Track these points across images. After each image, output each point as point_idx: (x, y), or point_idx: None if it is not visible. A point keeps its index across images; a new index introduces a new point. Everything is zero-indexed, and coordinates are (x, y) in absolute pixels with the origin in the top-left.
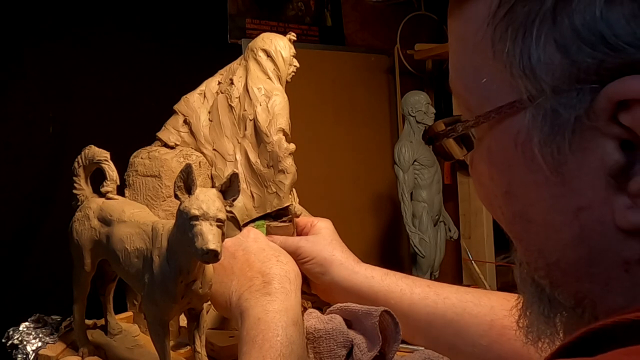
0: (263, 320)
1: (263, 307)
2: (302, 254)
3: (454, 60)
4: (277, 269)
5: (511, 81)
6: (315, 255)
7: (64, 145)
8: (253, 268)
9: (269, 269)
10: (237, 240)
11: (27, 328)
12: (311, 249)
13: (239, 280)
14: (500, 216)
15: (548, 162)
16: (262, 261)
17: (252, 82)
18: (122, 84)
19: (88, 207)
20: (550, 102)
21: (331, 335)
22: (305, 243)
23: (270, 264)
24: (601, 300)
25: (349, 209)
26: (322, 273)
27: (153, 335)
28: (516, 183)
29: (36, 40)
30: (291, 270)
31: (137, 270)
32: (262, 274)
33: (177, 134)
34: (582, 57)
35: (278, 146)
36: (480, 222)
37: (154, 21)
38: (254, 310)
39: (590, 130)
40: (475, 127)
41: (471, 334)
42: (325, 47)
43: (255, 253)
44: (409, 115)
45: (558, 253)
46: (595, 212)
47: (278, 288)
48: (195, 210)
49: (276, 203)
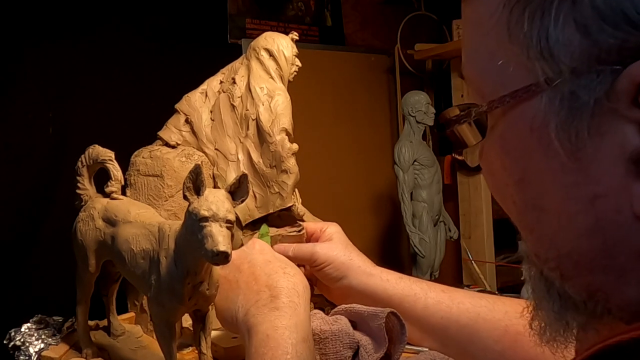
0: (272, 337)
1: (271, 323)
2: (318, 259)
3: (468, 45)
4: (285, 282)
5: (527, 64)
6: (332, 260)
7: (64, 145)
8: (259, 281)
9: (276, 282)
10: (242, 252)
11: (29, 329)
12: (327, 254)
13: (245, 295)
14: (511, 206)
15: (565, 148)
16: (269, 274)
17: (254, 81)
18: (122, 83)
19: (92, 208)
20: (568, 84)
21: (337, 336)
22: (321, 248)
23: (277, 276)
24: (615, 292)
25: (349, 209)
26: (339, 278)
27: (159, 337)
28: (530, 170)
29: (36, 41)
30: (299, 283)
31: (143, 272)
32: (269, 288)
33: (178, 133)
34: (604, 37)
35: (281, 146)
36: (480, 222)
37: (154, 21)
38: (262, 327)
39: (610, 114)
40: (488, 113)
41: (485, 339)
42: (325, 47)
43: (262, 266)
44: (409, 115)
45: (571, 243)
46: (612, 200)
47: (286, 302)
48: (205, 211)
49: (279, 203)
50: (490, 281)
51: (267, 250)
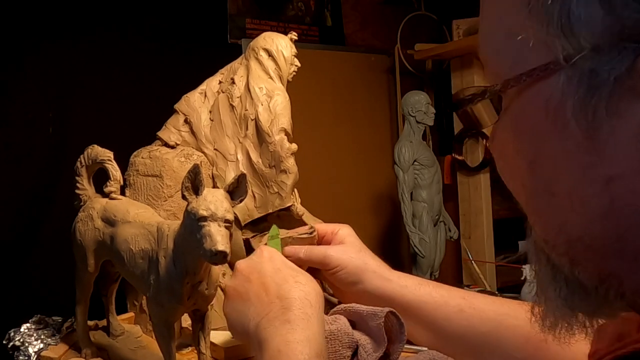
0: (284, 352)
1: (283, 337)
2: (331, 263)
3: (484, 24)
4: (296, 292)
5: (547, 41)
6: (346, 264)
7: (64, 145)
8: (270, 292)
9: (287, 292)
10: (250, 261)
11: (28, 329)
12: (341, 258)
13: (256, 307)
14: (520, 190)
15: (581, 127)
16: (279, 284)
17: (253, 81)
18: (122, 83)
19: (91, 208)
20: (589, 62)
21: (336, 336)
22: (335, 252)
23: (288, 286)
24: (629, 277)
25: (349, 209)
26: (354, 282)
27: (158, 337)
28: (544, 152)
29: (36, 41)
30: (311, 292)
31: (142, 272)
32: (280, 299)
33: (177, 133)
34: (628, 13)
35: (280, 146)
36: (480, 222)
37: (154, 21)
38: (273, 341)
39: (630, 93)
40: (503, 93)
41: (506, 347)
42: (325, 47)
43: (271, 275)
44: (409, 115)
45: (583, 227)
46: (627, 181)
47: (298, 314)
48: (203, 211)
49: (278, 203)
50: (490, 281)
51: (276, 258)
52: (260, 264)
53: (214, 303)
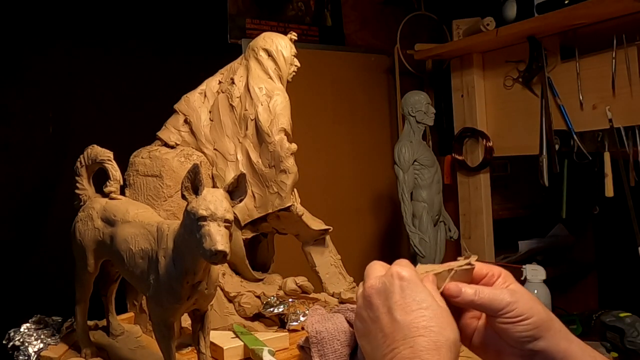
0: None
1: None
2: (515, 311)
3: None
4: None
5: None
6: (532, 314)
7: (64, 145)
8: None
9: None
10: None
11: (28, 329)
12: (526, 307)
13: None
14: None
15: None
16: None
17: (253, 81)
18: (122, 83)
19: (91, 208)
20: None
21: (334, 335)
22: (519, 299)
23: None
24: None
25: (349, 209)
26: (534, 338)
27: (158, 337)
28: None
29: (36, 41)
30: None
31: (142, 271)
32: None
33: (177, 133)
34: None
35: (280, 146)
36: (480, 222)
37: (154, 21)
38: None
39: None
40: None
41: None
42: (325, 47)
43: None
44: (409, 115)
45: None
46: None
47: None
48: (203, 210)
49: (278, 203)
50: None
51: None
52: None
53: (214, 303)
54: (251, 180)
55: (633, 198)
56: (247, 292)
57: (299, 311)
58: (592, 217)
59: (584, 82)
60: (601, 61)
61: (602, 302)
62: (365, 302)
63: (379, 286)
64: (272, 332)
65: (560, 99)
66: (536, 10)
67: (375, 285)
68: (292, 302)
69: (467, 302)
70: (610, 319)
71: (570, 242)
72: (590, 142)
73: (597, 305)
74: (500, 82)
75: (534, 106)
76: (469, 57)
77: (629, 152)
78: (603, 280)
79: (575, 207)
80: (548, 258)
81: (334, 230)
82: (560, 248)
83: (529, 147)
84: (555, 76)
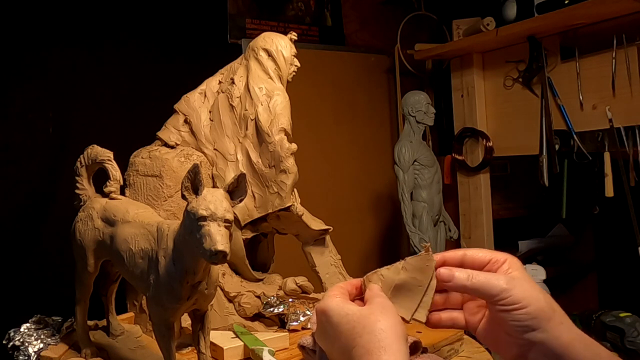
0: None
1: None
2: (509, 298)
3: None
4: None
5: None
6: (529, 303)
7: (64, 145)
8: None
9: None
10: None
11: (28, 329)
12: (524, 295)
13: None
14: None
15: None
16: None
17: (253, 81)
18: (122, 83)
19: (91, 207)
20: None
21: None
22: (516, 286)
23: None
24: None
25: (349, 209)
26: (532, 328)
27: (158, 337)
28: None
29: (36, 41)
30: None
31: (142, 271)
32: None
33: (177, 133)
34: None
35: (280, 146)
36: (480, 222)
37: (154, 21)
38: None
39: None
40: None
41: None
42: (325, 47)
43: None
44: (409, 115)
45: None
46: None
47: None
48: (203, 210)
49: (278, 203)
50: None
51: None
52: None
53: (214, 303)
54: (251, 180)
55: (633, 198)
56: (247, 292)
57: (299, 311)
58: (592, 217)
59: (584, 82)
60: (601, 61)
61: (602, 302)
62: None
63: (317, 327)
64: (272, 332)
65: (560, 99)
66: (536, 10)
67: (314, 328)
68: (292, 302)
69: (459, 286)
70: (610, 319)
71: (570, 242)
72: (590, 142)
73: (597, 305)
74: (500, 82)
75: (534, 106)
76: (469, 57)
77: (629, 152)
78: (603, 280)
79: (575, 207)
80: (548, 258)
81: (334, 230)
82: (560, 248)
83: (529, 147)
84: (555, 76)
